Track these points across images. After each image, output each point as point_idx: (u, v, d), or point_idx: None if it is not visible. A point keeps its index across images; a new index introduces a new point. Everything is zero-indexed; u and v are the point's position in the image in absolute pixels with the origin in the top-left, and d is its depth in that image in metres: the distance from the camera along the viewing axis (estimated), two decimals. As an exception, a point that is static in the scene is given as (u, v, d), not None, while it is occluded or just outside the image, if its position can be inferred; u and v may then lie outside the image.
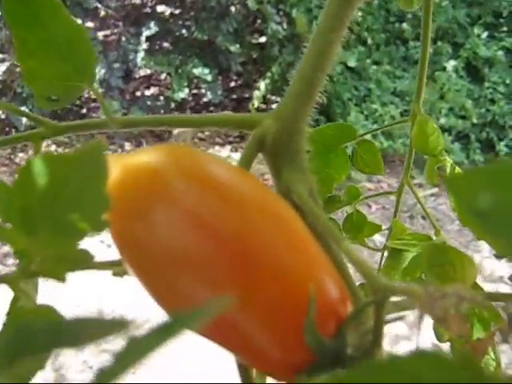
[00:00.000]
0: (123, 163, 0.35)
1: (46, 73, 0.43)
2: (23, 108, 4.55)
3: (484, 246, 3.89)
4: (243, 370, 0.36)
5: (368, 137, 0.71)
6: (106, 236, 0.35)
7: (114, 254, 0.36)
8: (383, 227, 0.76)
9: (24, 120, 4.24)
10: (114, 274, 0.38)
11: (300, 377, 0.32)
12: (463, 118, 5.22)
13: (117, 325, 0.16)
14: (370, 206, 4.29)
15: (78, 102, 5.13)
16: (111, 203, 0.29)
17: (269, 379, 0.38)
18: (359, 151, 0.69)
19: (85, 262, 0.31)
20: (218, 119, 0.45)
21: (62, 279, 0.31)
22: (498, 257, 0.62)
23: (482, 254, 3.80)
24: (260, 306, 0.32)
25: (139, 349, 0.15)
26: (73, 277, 0.34)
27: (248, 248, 0.32)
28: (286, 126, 0.42)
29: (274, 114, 0.43)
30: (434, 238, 0.66)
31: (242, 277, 0.32)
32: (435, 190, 4.44)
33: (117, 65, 4.97)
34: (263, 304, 0.32)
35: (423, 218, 4.10)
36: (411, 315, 0.31)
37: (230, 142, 5.08)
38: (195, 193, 0.33)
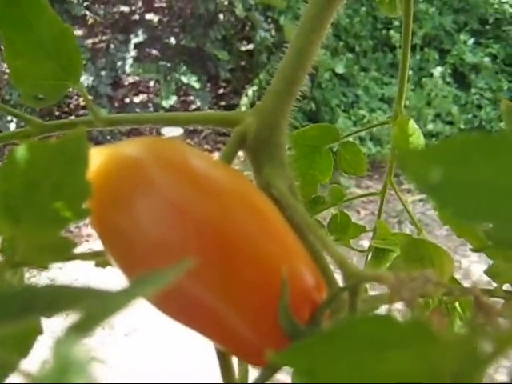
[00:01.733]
0: (104, 154, 0.36)
1: (33, 72, 0.44)
2: (11, 116, 4.53)
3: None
4: (221, 357, 0.37)
5: (356, 141, 0.72)
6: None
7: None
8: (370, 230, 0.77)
9: (13, 126, 4.22)
10: (97, 265, 0.39)
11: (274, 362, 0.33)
12: (450, 123, 5.25)
13: (87, 293, 0.17)
14: (358, 212, 4.30)
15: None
16: (92, 192, 0.30)
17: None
18: (343, 152, 0.70)
19: (67, 250, 0.32)
20: (201, 117, 0.46)
21: (44, 267, 0.32)
22: (474, 250, 0.63)
23: (471, 259, 3.82)
24: (236, 292, 0.33)
25: (102, 309, 0.15)
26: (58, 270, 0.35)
27: (226, 235, 0.33)
28: (267, 122, 0.43)
29: (255, 111, 0.44)
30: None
31: (219, 263, 0.33)
32: (423, 195, 4.45)
33: (105, 72, 4.97)
34: (239, 290, 0.33)
35: (412, 223, 4.11)
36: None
37: (219, 149, 5.09)
38: (174, 182, 0.35)
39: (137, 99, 5.50)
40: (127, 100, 5.39)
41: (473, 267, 3.76)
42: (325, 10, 0.45)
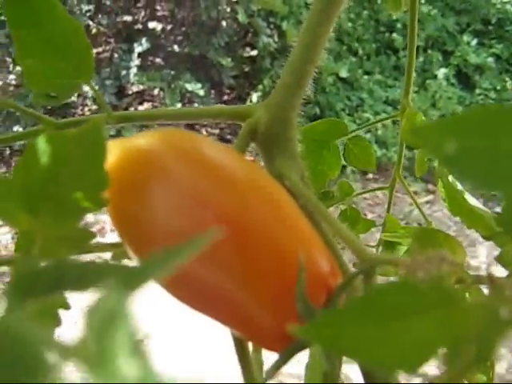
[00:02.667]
0: (122, 146, 0.36)
1: (45, 71, 0.45)
2: (17, 127, 4.56)
3: (480, 252, 3.90)
4: (238, 344, 0.37)
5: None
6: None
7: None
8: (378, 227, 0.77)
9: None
10: (114, 257, 0.39)
11: (292, 346, 0.34)
12: (455, 124, 5.25)
13: (115, 269, 0.18)
14: (365, 215, 4.30)
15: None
16: (110, 182, 0.31)
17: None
18: (351, 147, 0.70)
19: (86, 241, 0.32)
20: (212, 111, 0.47)
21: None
22: (485, 238, 0.63)
23: (479, 260, 3.81)
24: (253, 278, 0.33)
25: (135, 277, 0.16)
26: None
27: (242, 224, 0.34)
28: (277, 115, 0.44)
29: (265, 104, 0.45)
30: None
31: (236, 251, 0.33)
32: (430, 197, 4.45)
33: (109, 81, 4.99)
34: (257, 276, 0.33)
35: (419, 225, 4.11)
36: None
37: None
38: (191, 172, 0.35)
39: (141, 108, 5.51)
40: (132, 109, 5.40)
41: (482, 268, 3.76)
42: (331, 4, 0.46)
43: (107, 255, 0.42)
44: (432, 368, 0.22)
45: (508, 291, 0.24)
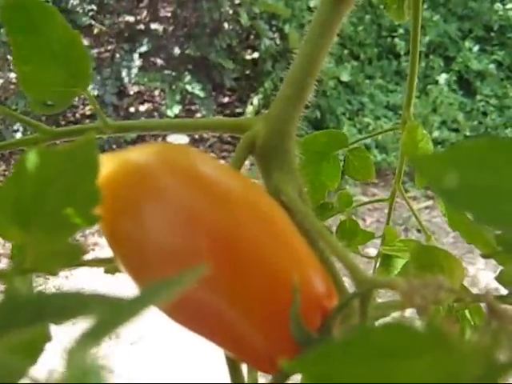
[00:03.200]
0: (113, 160, 0.36)
1: (42, 78, 0.44)
2: (17, 125, 4.56)
3: (479, 259, 3.90)
4: (231, 364, 0.37)
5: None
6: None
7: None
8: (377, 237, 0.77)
9: (19, 136, 4.24)
10: (106, 271, 0.39)
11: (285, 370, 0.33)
12: (456, 130, 5.25)
13: (98, 300, 0.17)
14: (364, 220, 4.30)
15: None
16: (102, 198, 0.30)
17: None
18: (351, 158, 0.70)
19: (77, 256, 0.32)
20: (211, 123, 0.46)
21: (54, 273, 0.32)
22: (484, 256, 0.62)
23: (477, 267, 3.81)
24: (246, 299, 0.33)
25: (114, 317, 0.15)
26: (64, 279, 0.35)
27: (236, 243, 0.33)
28: (276, 128, 0.43)
29: (264, 117, 0.44)
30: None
31: (229, 271, 0.33)
32: (429, 202, 4.45)
33: (110, 81, 4.99)
34: (250, 297, 0.33)
35: (418, 230, 4.11)
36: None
37: (224, 158, 5.10)
38: (184, 189, 0.34)
39: (142, 108, 5.51)
40: (132, 109, 5.40)
41: (480, 275, 3.76)
42: (333, 16, 0.45)
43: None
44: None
45: (505, 323, 0.24)
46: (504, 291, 0.48)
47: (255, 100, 5.10)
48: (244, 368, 0.38)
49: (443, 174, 0.17)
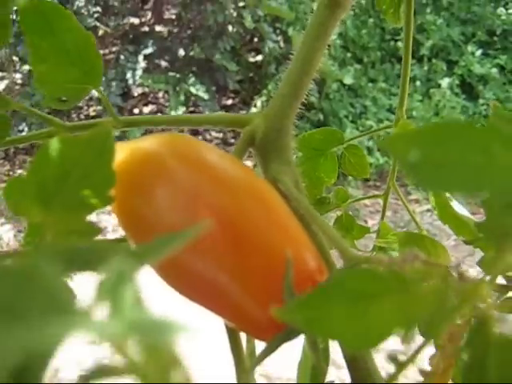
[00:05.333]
0: (127, 147, 0.39)
1: (57, 76, 0.48)
2: (23, 125, 4.60)
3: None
4: (231, 333, 0.40)
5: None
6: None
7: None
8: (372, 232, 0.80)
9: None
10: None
11: (280, 336, 0.37)
12: (458, 134, 5.27)
13: (120, 249, 0.20)
14: (366, 222, 4.32)
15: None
16: (116, 181, 0.33)
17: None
18: (347, 155, 0.73)
19: (93, 235, 0.35)
20: (214, 118, 0.50)
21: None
22: (467, 243, 0.66)
23: (478, 269, 3.83)
24: (246, 273, 0.36)
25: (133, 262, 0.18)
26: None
27: (237, 222, 0.37)
28: (274, 124, 0.47)
29: (263, 113, 0.47)
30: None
31: (231, 247, 0.36)
32: (431, 205, 4.47)
33: (115, 83, 5.02)
34: (249, 271, 0.36)
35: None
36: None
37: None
38: (190, 173, 0.38)
39: (146, 110, 5.54)
40: (136, 110, 5.44)
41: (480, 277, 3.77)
42: (328, 19, 0.48)
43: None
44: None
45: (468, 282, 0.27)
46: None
47: (259, 102, 5.14)
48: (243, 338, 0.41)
49: (407, 150, 0.21)
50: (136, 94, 5.59)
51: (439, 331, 0.23)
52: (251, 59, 5.66)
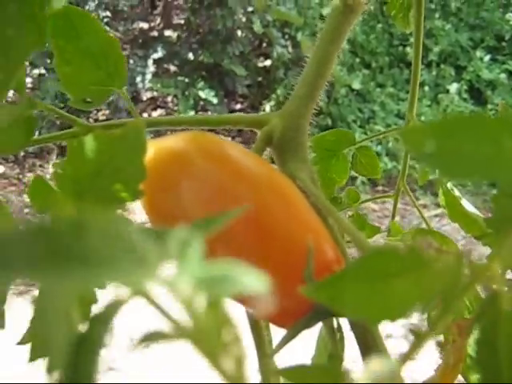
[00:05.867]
0: (156, 145, 0.42)
1: (82, 78, 0.50)
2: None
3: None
4: (253, 322, 0.42)
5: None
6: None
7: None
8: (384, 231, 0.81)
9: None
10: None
11: (299, 323, 0.39)
12: (466, 139, 5.28)
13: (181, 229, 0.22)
14: (374, 226, 4.33)
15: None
16: (146, 176, 0.35)
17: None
18: (358, 156, 0.75)
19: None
20: (232, 119, 0.52)
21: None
22: (476, 238, 0.68)
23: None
24: (269, 263, 0.38)
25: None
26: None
27: (260, 216, 0.39)
28: (291, 123, 0.49)
29: (280, 113, 0.49)
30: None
31: (254, 239, 0.38)
32: (439, 210, 4.48)
33: (125, 87, 5.05)
34: (272, 261, 0.38)
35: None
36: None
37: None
38: (215, 170, 0.40)
39: (155, 114, 5.57)
40: (145, 115, 5.46)
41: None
42: (343, 24, 0.51)
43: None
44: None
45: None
46: None
47: (267, 107, 5.16)
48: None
49: (423, 142, 0.22)
50: (145, 98, 5.62)
51: (454, 305, 0.25)
52: (260, 64, 5.68)
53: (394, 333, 2.89)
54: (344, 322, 0.41)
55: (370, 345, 0.41)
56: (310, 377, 0.26)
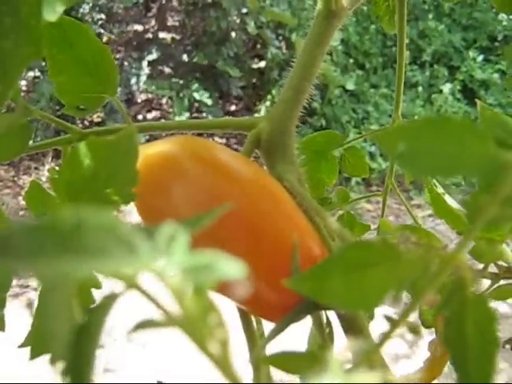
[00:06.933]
0: (148, 150, 0.44)
1: (75, 86, 0.51)
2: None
3: (480, 265, 3.94)
4: (243, 316, 0.44)
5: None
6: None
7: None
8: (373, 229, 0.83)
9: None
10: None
11: (288, 316, 0.40)
12: (460, 139, 5.29)
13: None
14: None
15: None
16: (139, 180, 0.37)
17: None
18: (347, 156, 0.77)
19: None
20: (222, 122, 0.54)
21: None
22: (459, 233, 0.70)
23: (473, 262, 3.85)
24: (257, 258, 0.40)
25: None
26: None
27: (249, 214, 0.41)
28: (278, 127, 0.51)
29: (267, 117, 0.51)
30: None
31: (243, 237, 0.40)
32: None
33: (119, 89, 5.03)
34: (260, 257, 0.40)
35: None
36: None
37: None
38: (205, 172, 0.42)
39: (150, 116, 5.57)
40: (140, 117, 5.47)
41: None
42: (326, 29, 0.53)
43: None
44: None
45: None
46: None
47: (262, 108, 5.17)
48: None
49: (396, 143, 0.25)
50: (140, 100, 5.63)
51: (424, 293, 0.27)
52: (254, 65, 5.69)
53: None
54: (334, 318, 0.43)
55: (354, 332, 0.43)
56: (297, 362, 0.28)
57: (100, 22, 5.36)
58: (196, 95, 5.21)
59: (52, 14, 0.36)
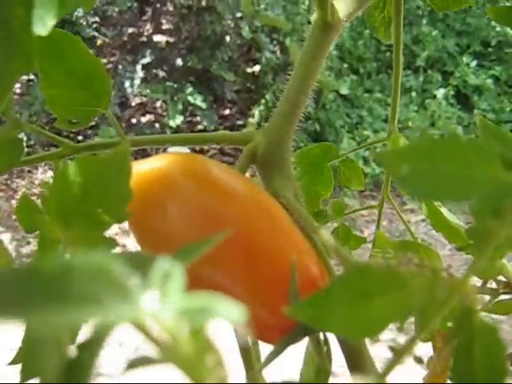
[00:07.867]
0: (142, 167, 0.43)
1: (67, 99, 0.50)
2: (22, 134, 4.60)
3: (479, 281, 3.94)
4: (240, 338, 0.43)
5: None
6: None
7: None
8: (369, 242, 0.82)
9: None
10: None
11: (286, 338, 0.40)
12: (454, 144, 5.30)
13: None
14: (362, 231, 4.35)
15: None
16: (132, 198, 0.36)
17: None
18: (342, 169, 0.76)
19: (110, 248, 0.38)
20: (217, 137, 0.53)
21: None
22: (459, 249, 0.69)
23: (473, 279, 3.85)
24: (254, 279, 0.40)
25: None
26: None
27: (244, 233, 0.40)
28: (274, 141, 0.50)
29: (263, 131, 0.51)
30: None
31: (239, 256, 0.39)
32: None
33: (113, 92, 5.04)
34: (257, 277, 0.40)
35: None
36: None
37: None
38: (200, 189, 0.41)
39: (144, 119, 5.56)
40: (134, 120, 5.46)
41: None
42: (323, 41, 0.52)
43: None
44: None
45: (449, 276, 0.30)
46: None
47: (256, 112, 5.16)
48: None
49: (399, 165, 0.24)
50: (134, 104, 5.61)
51: (431, 321, 0.27)
52: (249, 69, 5.69)
53: (381, 337, 2.90)
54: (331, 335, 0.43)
55: (356, 359, 0.42)
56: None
57: (94, 26, 5.35)
58: (190, 99, 5.20)
59: (43, 28, 0.35)
